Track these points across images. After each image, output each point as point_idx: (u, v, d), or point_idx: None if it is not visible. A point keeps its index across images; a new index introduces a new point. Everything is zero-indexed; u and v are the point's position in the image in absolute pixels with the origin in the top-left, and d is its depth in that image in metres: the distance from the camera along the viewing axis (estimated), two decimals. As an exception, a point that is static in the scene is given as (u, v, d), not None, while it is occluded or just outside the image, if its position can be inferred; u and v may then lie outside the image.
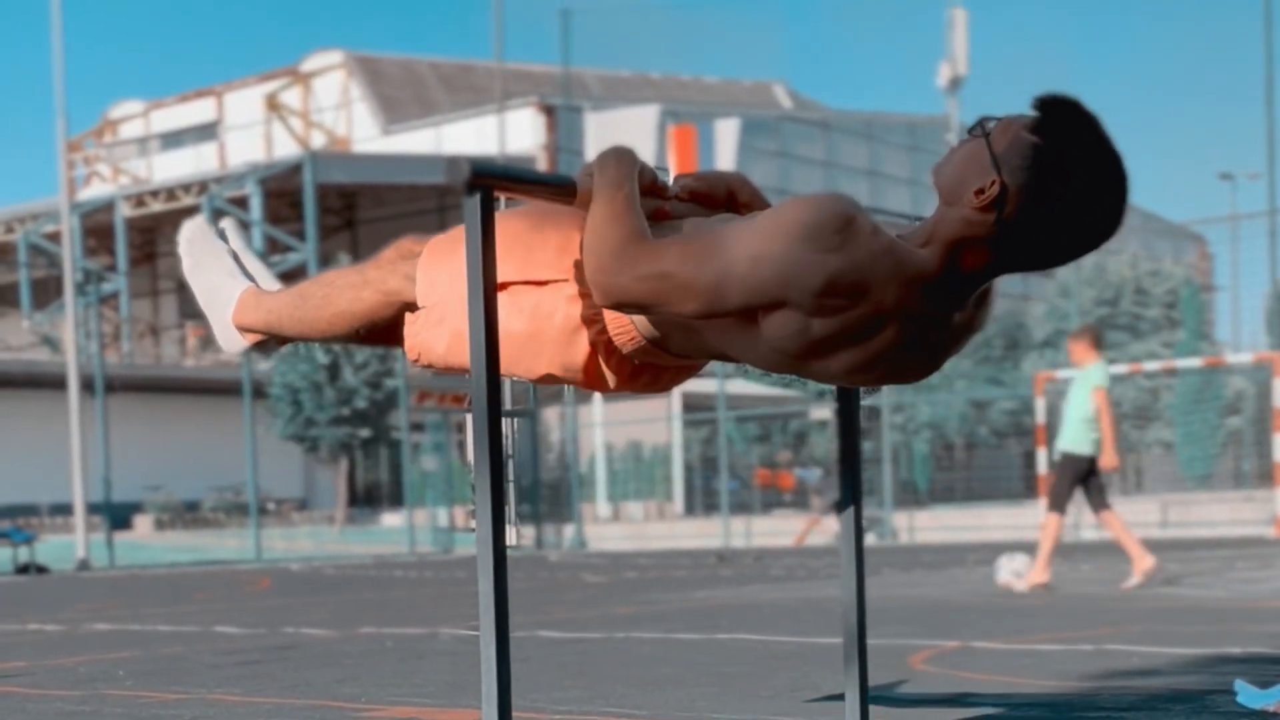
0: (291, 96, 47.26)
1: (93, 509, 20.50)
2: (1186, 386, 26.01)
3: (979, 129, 2.31)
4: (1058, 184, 2.24)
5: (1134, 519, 19.47)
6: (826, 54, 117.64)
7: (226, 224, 3.07)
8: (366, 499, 39.52)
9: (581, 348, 2.51)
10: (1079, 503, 9.90)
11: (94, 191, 46.90)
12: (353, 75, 45.87)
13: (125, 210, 40.70)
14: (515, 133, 38.65)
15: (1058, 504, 9.35)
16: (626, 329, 2.49)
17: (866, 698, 2.94)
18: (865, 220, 2.26)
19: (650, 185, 2.51)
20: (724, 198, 2.64)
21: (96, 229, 42.77)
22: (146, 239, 45.83)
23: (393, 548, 23.09)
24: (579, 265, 2.46)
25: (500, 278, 2.42)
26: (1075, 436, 9.35)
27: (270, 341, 2.92)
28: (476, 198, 2.31)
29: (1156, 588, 8.98)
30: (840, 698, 3.10)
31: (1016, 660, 5.18)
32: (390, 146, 43.57)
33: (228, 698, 4.74)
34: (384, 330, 2.73)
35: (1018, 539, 19.16)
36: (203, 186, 39.77)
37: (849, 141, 45.21)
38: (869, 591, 3.04)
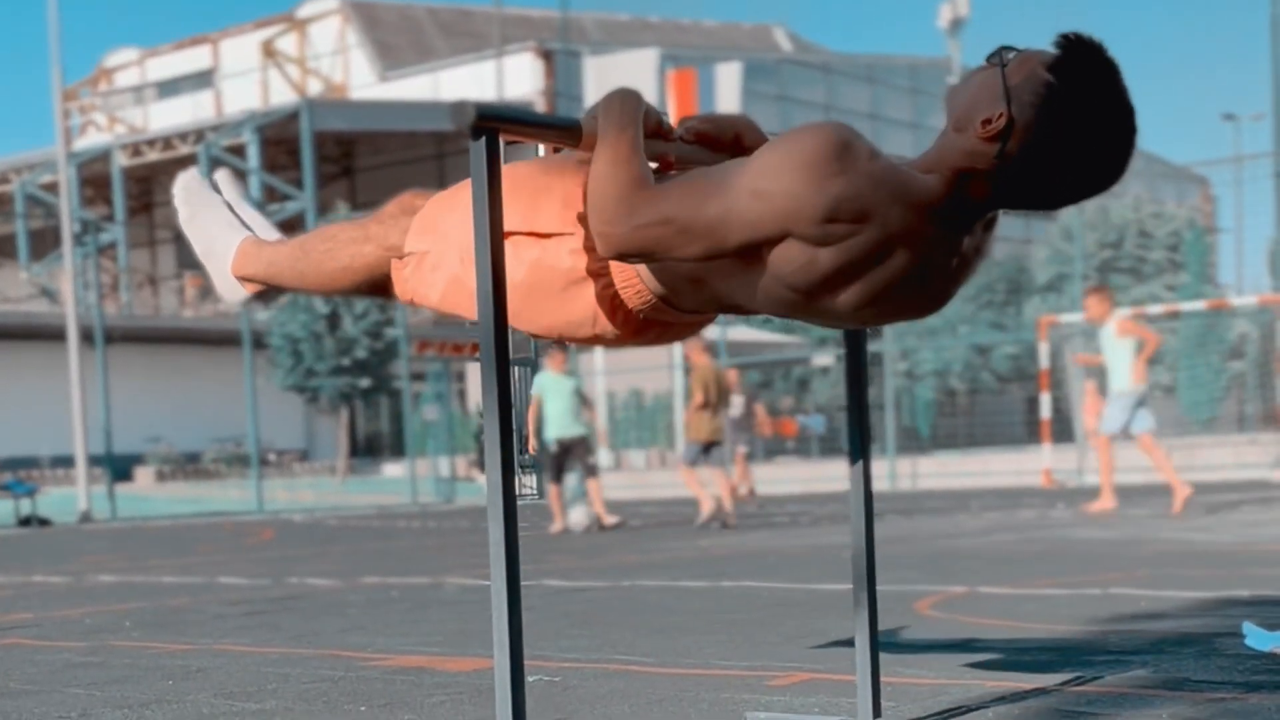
0: (288, 43, 46.95)
1: (94, 461, 20.51)
2: (1190, 330, 25.99)
3: (997, 57, 2.27)
4: (1064, 126, 2.20)
5: (1137, 463, 19.46)
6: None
7: (220, 175, 3.04)
8: (368, 449, 39.61)
9: (586, 302, 2.47)
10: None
11: (90, 141, 46.69)
12: (349, 21, 45.54)
13: (122, 160, 40.52)
14: (514, 78, 38.45)
15: None
16: (633, 283, 2.45)
17: (877, 643, 2.92)
18: (863, 145, 2.23)
19: (655, 128, 2.46)
20: (730, 141, 2.60)
21: (93, 179, 42.63)
22: (143, 188, 45.65)
23: (395, 498, 23.12)
24: (584, 219, 2.41)
25: (503, 226, 2.38)
26: None
27: (271, 291, 2.90)
28: (482, 141, 2.26)
29: (1163, 532, 8.98)
30: (848, 643, 3.09)
31: (1023, 605, 5.18)
32: (387, 93, 43.31)
33: (234, 648, 4.73)
34: (384, 284, 2.70)
35: (1020, 484, 19.21)
36: (199, 135, 39.58)
37: (850, 85, 44.92)
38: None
